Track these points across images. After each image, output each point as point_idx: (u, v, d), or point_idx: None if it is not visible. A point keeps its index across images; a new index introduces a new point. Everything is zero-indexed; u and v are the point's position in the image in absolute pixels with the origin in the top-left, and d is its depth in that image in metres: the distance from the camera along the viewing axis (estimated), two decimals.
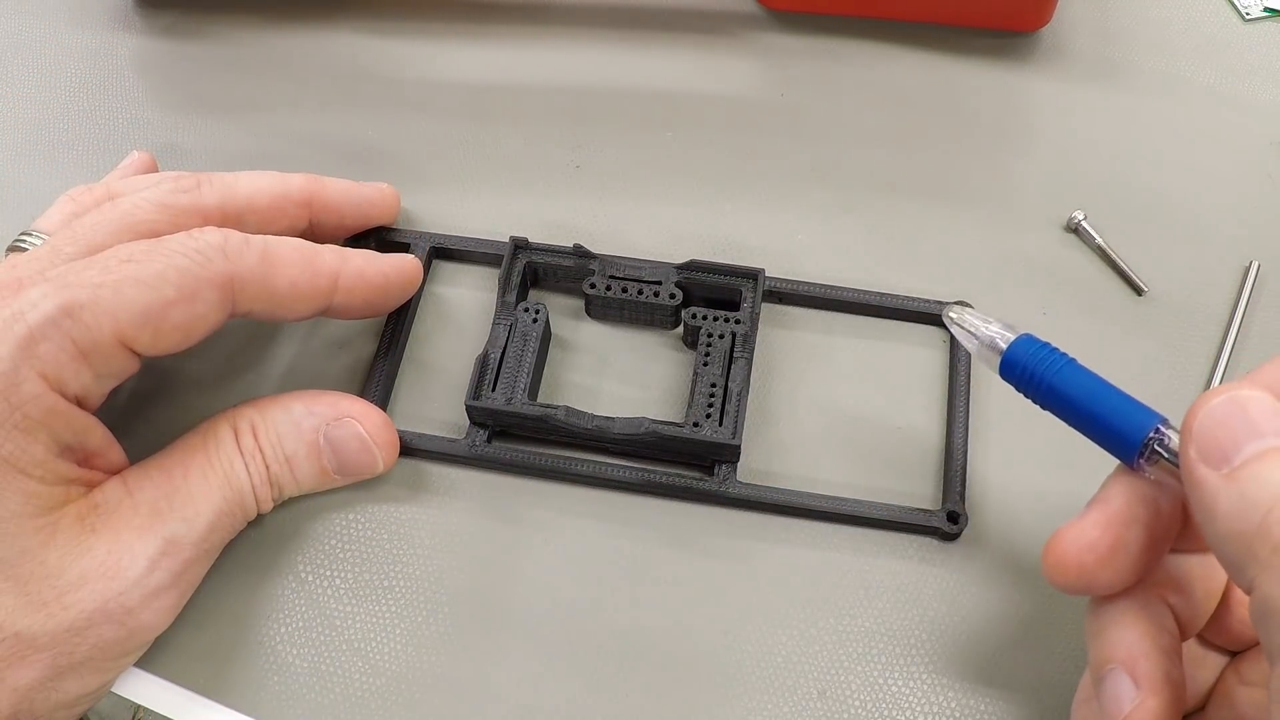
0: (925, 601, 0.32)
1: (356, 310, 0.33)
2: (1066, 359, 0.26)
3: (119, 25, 0.44)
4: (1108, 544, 0.24)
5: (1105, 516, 0.24)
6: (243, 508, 0.30)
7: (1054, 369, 0.26)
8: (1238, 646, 0.27)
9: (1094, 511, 0.25)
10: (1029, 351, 0.27)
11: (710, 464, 0.33)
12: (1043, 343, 0.27)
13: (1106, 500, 0.25)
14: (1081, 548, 0.24)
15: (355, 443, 0.32)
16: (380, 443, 0.32)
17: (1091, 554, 0.24)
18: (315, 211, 0.34)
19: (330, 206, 0.35)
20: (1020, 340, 0.27)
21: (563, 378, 0.35)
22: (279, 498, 0.32)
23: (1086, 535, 0.24)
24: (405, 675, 0.31)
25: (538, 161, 0.40)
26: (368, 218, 0.36)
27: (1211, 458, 0.22)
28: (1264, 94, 0.42)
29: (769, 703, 0.30)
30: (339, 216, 0.35)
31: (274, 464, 0.31)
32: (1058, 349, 0.27)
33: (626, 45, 0.43)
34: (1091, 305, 0.37)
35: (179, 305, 0.28)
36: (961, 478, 0.33)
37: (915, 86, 0.42)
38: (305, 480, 0.32)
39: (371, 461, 0.32)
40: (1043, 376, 0.26)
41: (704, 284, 0.35)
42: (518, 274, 0.36)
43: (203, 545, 0.29)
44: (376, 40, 0.43)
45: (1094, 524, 0.24)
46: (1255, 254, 0.38)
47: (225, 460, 0.30)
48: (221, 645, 0.31)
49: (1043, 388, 0.26)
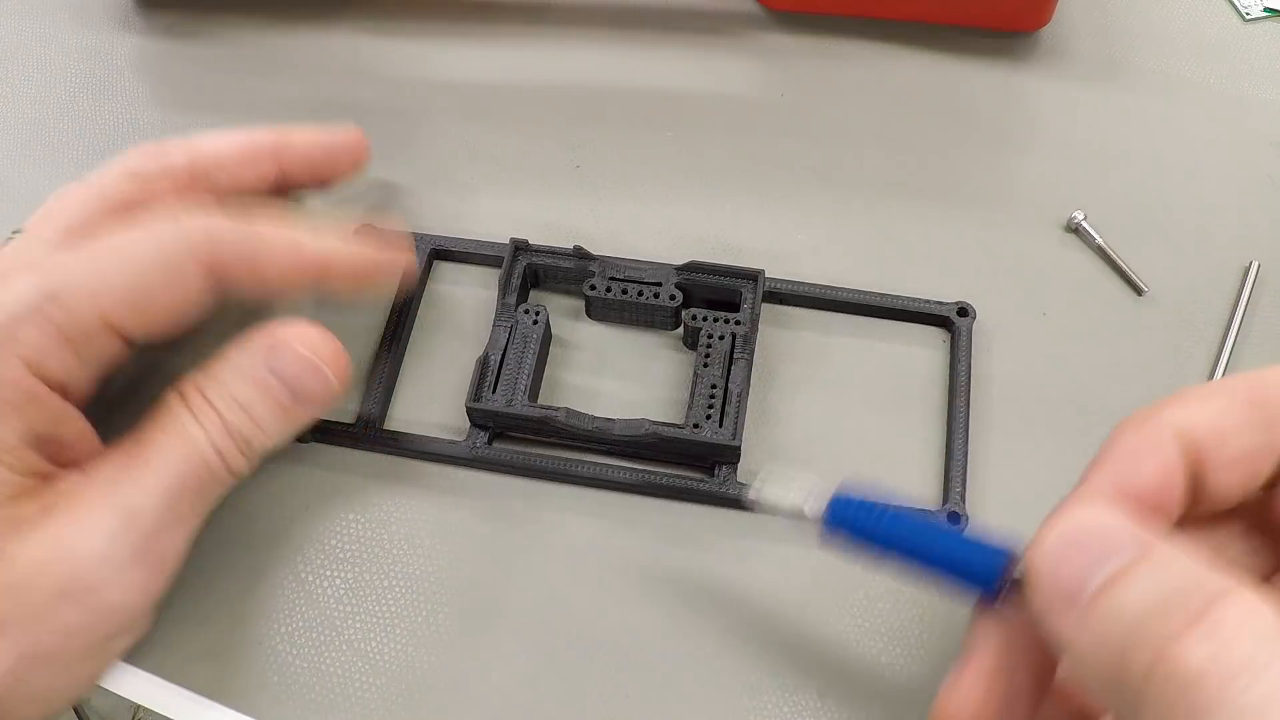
0: (925, 601, 0.32)
1: (346, 293, 0.33)
2: (890, 510, 0.25)
3: (119, 25, 0.44)
4: (996, 701, 0.23)
5: (985, 673, 0.23)
6: (207, 468, 0.28)
7: (882, 521, 0.25)
8: None
9: (970, 669, 0.23)
10: (849, 511, 0.25)
11: (710, 465, 0.33)
12: (858, 501, 0.25)
13: (980, 653, 0.23)
14: (970, 713, 0.23)
15: (298, 365, 0.29)
16: (325, 356, 0.30)
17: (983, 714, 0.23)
18: (284, 162, 0.34)
19: (298, 155, 0.34)
20: (835, 502, 0.25)
21: (563, 379, 0.35)
22: (252, 451, 0.29)
23: (971, 698, 0.23)
24: (405, 675, 0.31)
25: (538, 161, 0.40)
26: (337, 163, 0.35)
27: (1059, 605, 0.20)
28: (1264, 94, 0.42)
29: (769, 703, 0.30)
30: (308, 164, 0.35)
31: (228, 414, 0.29)
32: (875, 503, 0.25)
33: (626, 45, 0.43)
34: (1091, 305, 0.37)
35: (164, 286, 0.28)
36: (961, 478, 0.33)
37: (915, 86, 0.42)
38: (267, 421, 0.29)
39: (322, 379, 0.30)
40: (872, 532, 0.25)
41: (704, 285, 0.35)
42: (518, 275, 0.36)
43: (167, 514, 0.28)
44: (376, 40, 0.43)
45: (975, 685, 0.23)
46: (1255, 254, 0.38)
47: (176, 422, 0.28)
48: (221, 645, 0.31)
49: (875, 543, 0.25)
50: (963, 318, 0.36)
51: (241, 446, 0.29)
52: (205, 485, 0.29)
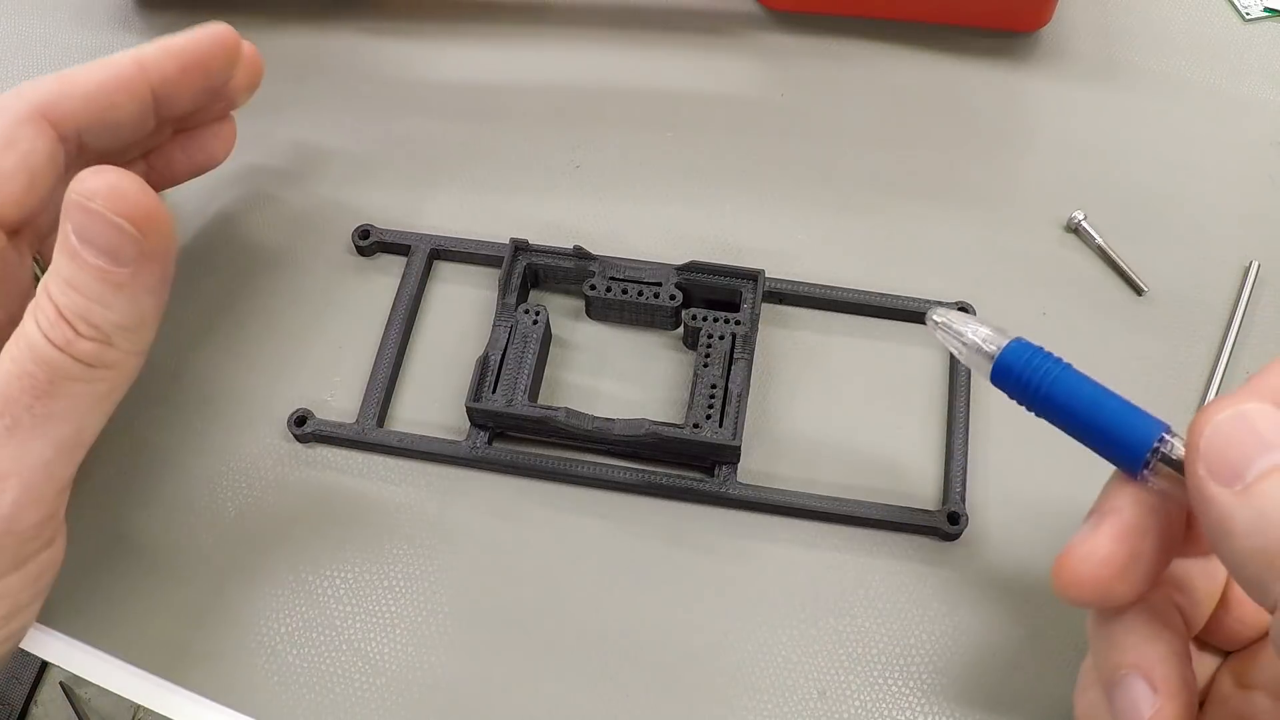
0: (925, 601, 0.32)
1: (189, 88, 0.32)
2: (1062, 365, 0.25)
3: (119, 25, 0.44)
4: (1122, 558, 0.23)
5: (1118, 529, 0.24)
6: (43, 359, 0.26)
7: (1050, 376, 0.25)
8: (1232, 646, 0.27)
9: (1106, 524, 0.24)
10: (1022, 358, 0.25)
11: (710, 465, 0.33)
12: (1036, 348, 0.26)
13: (1117, 511, 0.24)
14: (1096, 563, 0.24)
15: (97, 226, 0.26)
16: (126, 207, 0.26)
17: (1106, 569, 0.23)
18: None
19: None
20: (1012, 345, 0.26)
21: (563, 379, 0.35)
22: (96, 329, 0.26)
23: (1101, 550, 0.24)
24: (405, 675, 0.31)
25: (538, 161, 0.40)
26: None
27: (1222, 475, 0.21)
28: (1264, 94, 0.42)
29: (769, 703, 0.30)
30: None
31: (58, 296, 0.26)
32: (1051, 354, 0.26)
33: (626, 45, 0.43)
34: (1091, 305, 0.37)
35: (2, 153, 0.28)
36: (962, 478, 0.33)
37: (915, 86, 0.42)
38: (98, 292, 0.26)
39: (126, 237, 0.26)
40: (1038, 384, 0.25)
41: (704, 285, 0.35)
42: (518, 275, 0.36)
43: (8, 411, 0.26)
44: (376, 40, 0.43)
45: (1107, 538, 0.24)
46: (1255, 254, 0.38)
47: (21, 323, 0.27)
48: (222, 645, 0.31)
49: (1039, 396, 0.25)
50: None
51: (79, 326, 0.26)
52: (50, 379, 0.26)
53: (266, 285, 0.37)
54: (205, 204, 0.39)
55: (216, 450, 0.34)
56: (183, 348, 0.36)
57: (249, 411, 0.35)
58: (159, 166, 0.36)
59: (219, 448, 0.34)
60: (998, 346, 0.26)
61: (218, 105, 0.35)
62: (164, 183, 0.36)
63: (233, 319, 0.37)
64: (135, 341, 0.27)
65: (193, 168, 0.36)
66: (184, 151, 0.36)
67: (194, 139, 0.36)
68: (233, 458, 0.34)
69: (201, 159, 0.36)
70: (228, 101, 0.35)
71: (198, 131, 0.36)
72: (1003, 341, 0.26)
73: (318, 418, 0.34)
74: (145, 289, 0.27)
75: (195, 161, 0.36)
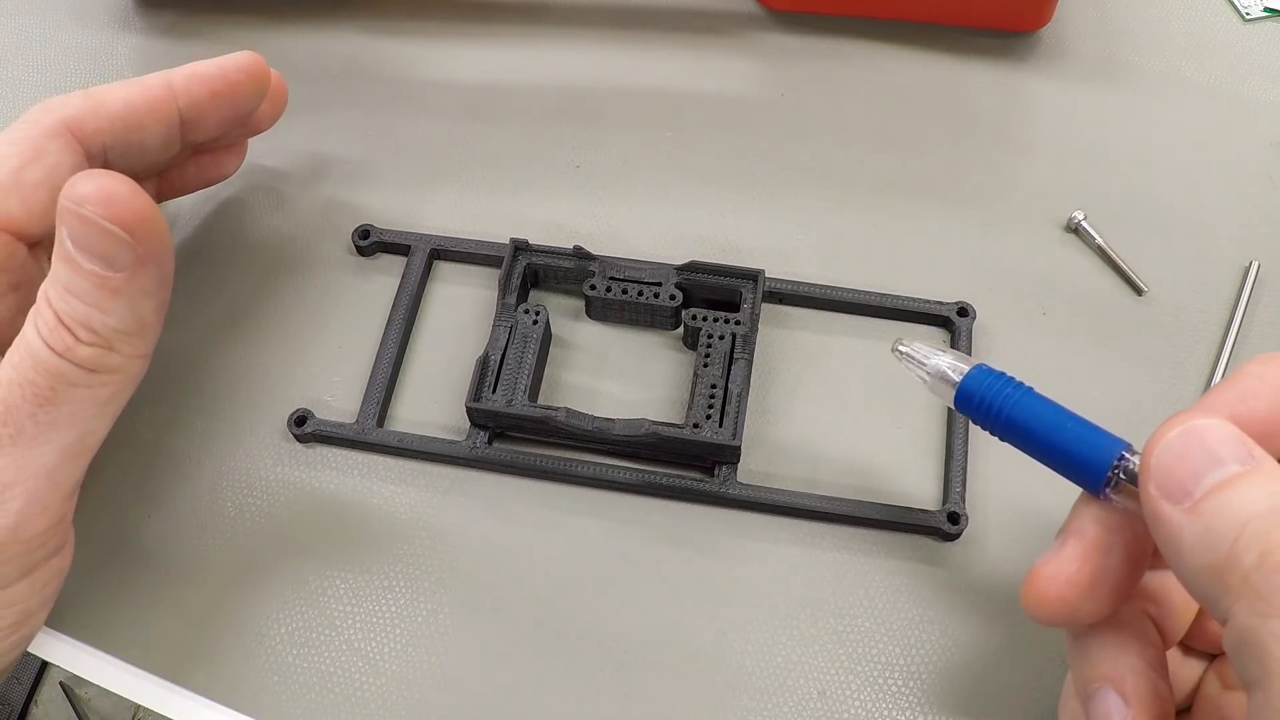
0: (925, 601, 0.32)
1: (218, 115, 0.32)
2: (1023, 388, 0.26)
3: (119, 25, 0.44)
4: (1087, 576, 0.24)
5: (1082, 549, 0.24)
6: (43, 366, 0.26)
7: (1011, 400, 0.25)
8: (1218, 649, 0.27)
9: (1070, 544, 0.24)
10: (984, 383, 0.26)
11: (710, 465, 0.33)
12: (998, 373, 0.26)
13: (1080, 531, 0.24)
14: (1061, 583, 0.24)
15: (87, 232, 0.26)
16: (116, 213, 0.26)
17: (1072, 588, 0.24)
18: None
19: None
20: (974, 372, 0.26)
21: (563, 379, 0.35)
22: (95, 334, 0.26)
23: (1065, 570, 0.24)
24: (405, 675, 0.31)
25: (538, 161, 0.40)
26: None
27: (1172, 493, 0.21)
28: (1264, 94, 0.42)
29: (769, 703, 0.30)
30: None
31: (57, 302, 0.26)
32: (1013, 379, 0.26)
33: (626, 45, 0.43)
34: (1091, 305, 0.37)
35: (28, 166, 0.28)
36: (961, 478, 0.33)
37: (915, 86, 0.42)
38: (95, 297, 0.26)
39: (113, 239, 0.26)
40: (999, 408, 0.25)
41: (704, 285, 0.35)
42: (518, 276, 0.36)
43: (10, 419, 0.26)
44: (376, 40, 0.43)
45: (1071, 557, 0.24)
46: (1255, 254, 0.38)
47: (12, 329, 0.27)
48: (221, 645, 0.31)
49: (1000, 419, 0.26)
50: (963, 318, 0.36)
51: (79, 332, 0.26)
52: (52, 385, 0.26)
53: (266, 285, 0.37)
54: (205, 204, 0.39)
55: (217, 450, 0.34)
56: (183, 348, 0.36)
57: (249, 412, 0.35)
58: (171, 177, 0.36)
59: (219, 448, 0.34)
60: (960, 374, 0.27)
61: (240, 130, 0.35)
62: (173, 192, 0.37)
63: (233, 319, 0.37)
64: (137, 345, 0.27)
65: (203, 180, 0.37)
66: (197, 165, 0.36)
67: (208, 155, 0.36)
68: (233, 458, 0.34)
69: (213, 172, 0.37)
70: (252, 127, 0.36)
71: (214, 149, 0.36)
72: (965, 369, 0.27)
73: (318, 418, 0.34)
74: (143, 293, 0.27)
75: (206, 174, 0.37)
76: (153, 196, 0.36)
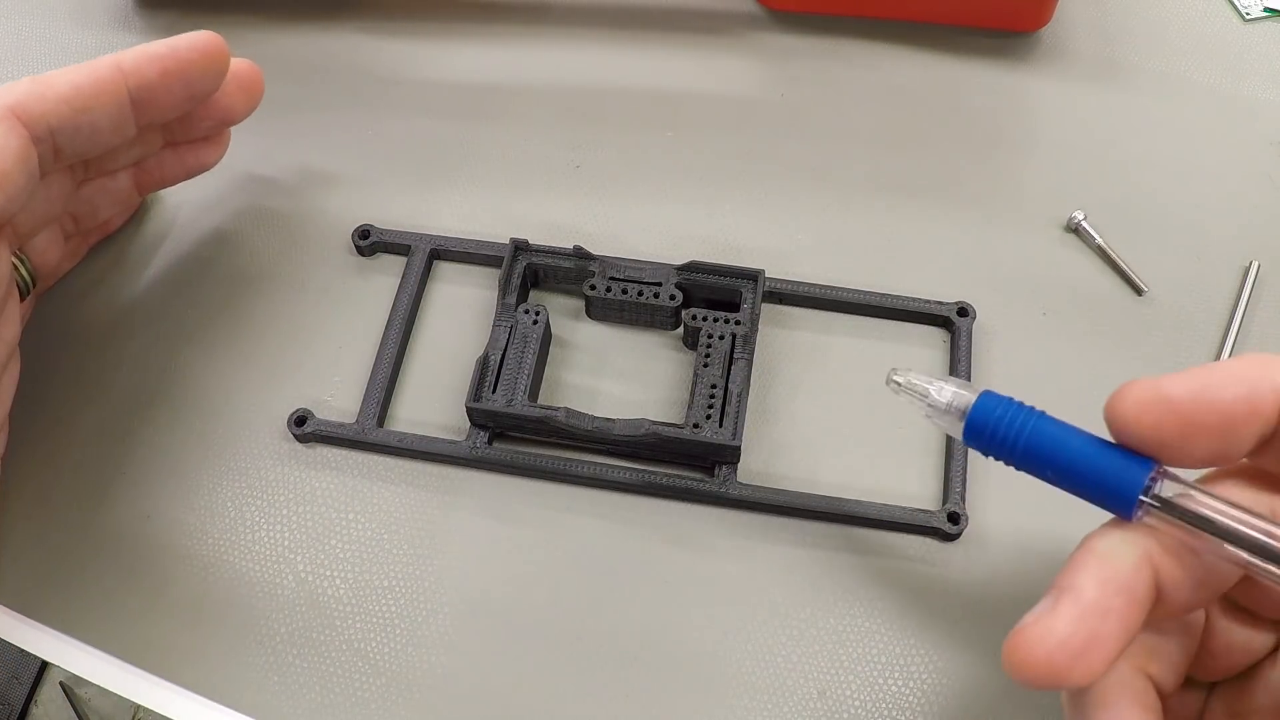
0: (925, 601, 0.32)
1: (170, 94, 0.32)
2: (1035, 414, 0.24)
3: (119, 25, 0.44)
4: (1081, 640, 0.22)
5: (1078, 610, 0.22)
6: None
7: (1025, 429, 0.24)
8: (1218, 679, 0.26)
9: (1064, 603, 0.22)
10: (993, 414, 0.24)
11: (710, 465, 0.33)
12: (1005, 399, 0.25)
13: (1077, 590, 0.22)
14: (1051, 646, 0.22)
15: None
16: None
17: (1063, 652, 0.22)
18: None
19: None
20: (981, 402, 0.25)
21: (563, 379, 0.35)
22: None
23: (1056, 632, 0.22)
24: (405, 675, 0.31)
25: (538, 161, 0.40)
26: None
27: None
28: (1264, 94, 0.42)
29: (769, 703, 0.30)
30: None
31: None
32: (1021, 404, 0.25)
33: (626, 45, 0.43)
34: (1091, 305, 0.37)
35: None
36: (961, 478, 0.33)
37: (915, 86, 0.42)
38: None
39: None
40: (1014, 439, 0.24)
41: (704, 285, 0.35)
42: (518, 276, 0.36)
43: None
44: (376, 40, 0.43)
45: (1065, 619, 0.22)
46: (1255, 254, 0.38)
47: None
48: (222, 645, 0.31)
49: (1016, 451, 0.24)
50: (963, 318, 0.36)
51: None
52: None
53: (267, 285, 0.37)
54: (206, 204, 0.39)
55: (217, 450, 0.34)
56: (183, 348, 0.36)
57: (249, 411, 0.35)
58: (149, 169, 0.36)
59: (219, 448, 0.34)
60: (965, 404, 0.25)
61: (212, 120, 0.35)
62: (153, 184, 0.37)
63: (233, 319, 0.37)
64: None
65: (183, 171, 0.37)
66: (176, 156, 0.36)
67: (186, 146, 0.36)
68: (233, 458, 0.34)
69: (193, 163, 0.37)
70: (224, 116, 0.35)
71: (192, 140, 0.36)
72: (970, 397, 0.25)
73: (318, 418, 0.34)
74: None
75: (186, 165, 0.36)
76: (132, 188, 0.36)
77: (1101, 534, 0.24)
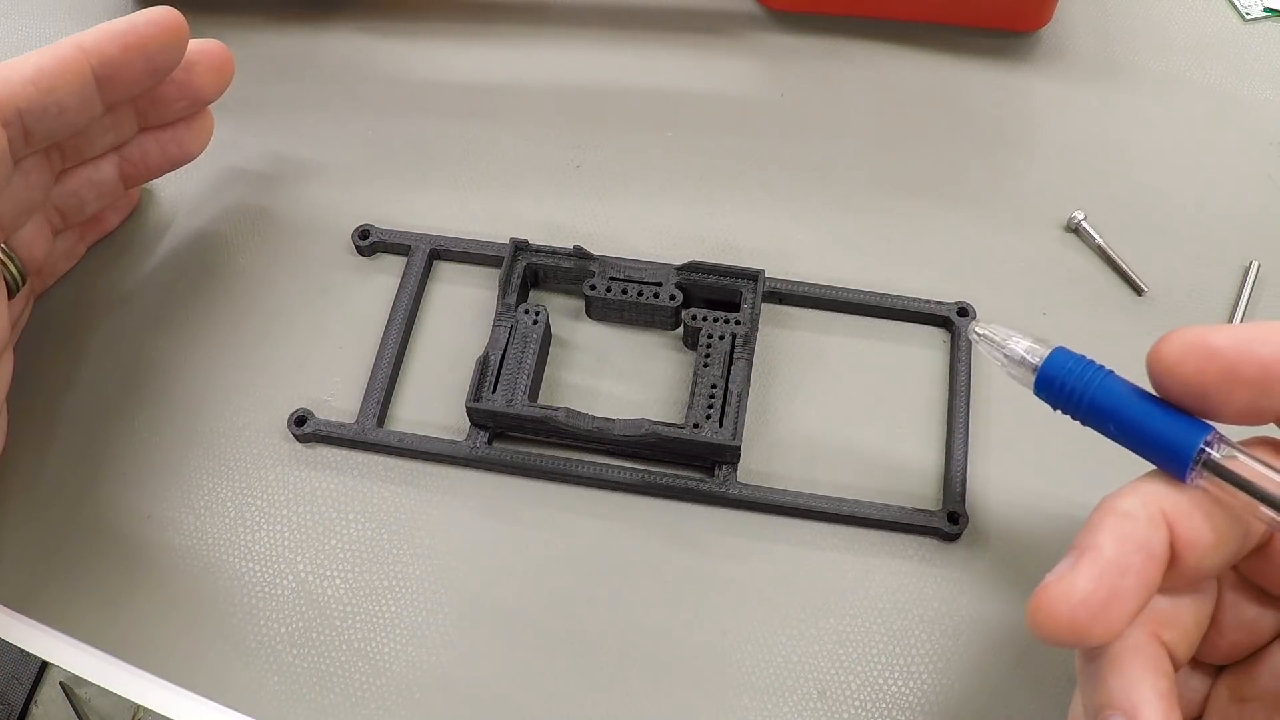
0: (925, 601, 0.32)
1: (132, 69, 0.32)
2: (1104, 372, 0.25)
3: None
4: (1101, 597, 0.22)
5: (1098, 568, 0.23)
6: None
7: (1093, 384, 0.25)
8: (1224, 662, 0.26)
9: (1084, 562, 0.23)
10: (1064, 368, 0.25)
11: (710, 465, 0.33)
12: (1077, 356, 0.26)
13: (1097, 548, 0.23)
14: (1074, 603, 0.22)
15: None
16: None
17: (1084, 609, 0.22)
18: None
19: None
20: (1053, 356, 0.26)
21: (563, 379, 0.35)
22: None
23: (1078, 589, 0.23)
24: (405, 675, 0.31)
25: (538, 161, 0.40)
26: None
27: None
28: (1264, 94, 0.42)
29: (769, 703, 0.30)
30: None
31: None
32: (1093, 361, 0.26)
33: (626, 45, 0.43)
34: (1091, 305, 0.37)
35: None
36: (961, 478, 0.33)
37: (915, 86, 0.42)
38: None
39: None
40: (1082, 393, 0.25)
41: (704, 285, 0.35)
42: (518, 275, 0.36)
43: None
44: (376, 40, 0.43)
45: (1085, 576, 0.23)
46: (1255, 254, 0.38)
47: None
48: (222, 645, 0.31)
49: (1083, 405, 0.25)
50: (963, 318, 0.36)
51: None
52: None
53: (267, 285, 0.37)
54: (205, 204, 0.39)
55: (217, 450, 0.34)
56: (183, 348, 0.36)
57: (249, 412, 0.35)
58: (133, 159, 0.36)
59: (219, 448, 0.34)
60: (1040, 358, 0.26)
61: (184, 100, 0.35)
62: (139, 176, 0.36)
63: (233, 319, 0.37)
64: None
65: (167, 161, 0.36)
66: (158, 144, 0.36)
67: (167, 132, 0.36)
68: (233, 458, 0.34)
69: (175, 152, 0.36)
70: (195, 96, 0.35)
71: (171, 126, 0.36)
72: (1044, 352, 0.26)
73: (318, 418, 0.34)
74: None
75: (169, 154, 0.36)
76: (116, 179, 0.36)
77: (1119, 494, 0.24)
